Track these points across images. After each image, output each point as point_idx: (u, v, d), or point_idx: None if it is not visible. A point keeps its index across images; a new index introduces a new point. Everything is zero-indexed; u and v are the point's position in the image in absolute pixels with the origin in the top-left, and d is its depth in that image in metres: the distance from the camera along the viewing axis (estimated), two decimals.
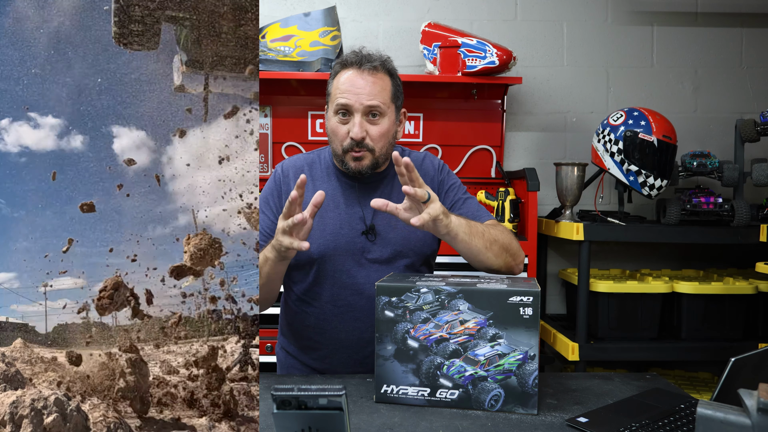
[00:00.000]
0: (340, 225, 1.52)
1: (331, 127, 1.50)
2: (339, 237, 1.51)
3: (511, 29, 2.87)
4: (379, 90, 1.46)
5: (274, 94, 2.77)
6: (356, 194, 1.54)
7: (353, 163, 1.47)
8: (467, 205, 1.57)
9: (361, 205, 1.53)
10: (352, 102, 1.44)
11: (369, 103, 1.44)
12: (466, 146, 2.81)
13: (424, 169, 1.59)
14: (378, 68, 1.47)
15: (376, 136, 1.46)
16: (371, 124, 1.46)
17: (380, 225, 1.52)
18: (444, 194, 1.58)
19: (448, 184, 1.61)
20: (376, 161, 1.48)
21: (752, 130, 2.39)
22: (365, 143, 1.45)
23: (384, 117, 1.47)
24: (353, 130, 1.44)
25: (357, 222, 1.52)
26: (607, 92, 2.91)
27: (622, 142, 2.36)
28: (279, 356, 1.67)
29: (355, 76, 1.45)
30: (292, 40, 2.58)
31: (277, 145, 2.79)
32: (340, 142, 1.47)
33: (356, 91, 1.44)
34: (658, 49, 2.91)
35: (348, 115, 1.46)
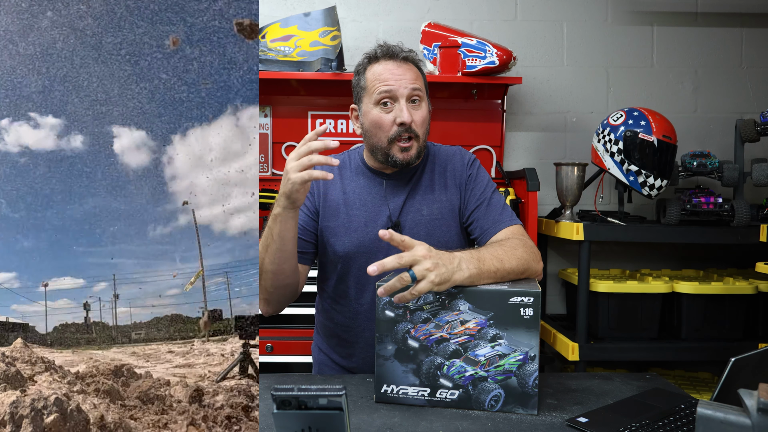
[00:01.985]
0: (365, 222, 1.52)
1: (373, 119, 1.47)
2: (364, 235, 1.51)
3: (511, 29, 2.87)
4: (416, 76, 1.48)
5: (274, 94, 2.77)
6: (383, 191, 1.54)
7: (401, 154, 1.46)
8: (491, 208, 1.54)
9: (387, 201, 1.53)
10: (396, 87, 1.44)
11: (413, 86, 1.45)
12: (466, 146, 2.80)
13: (453, 162, 1.59)
14: (409, 59, 1.50)
15: (419, 122, 1.47)
16: (414, 109, 1.46)
17: (406, 221, 1.52)
18: (471, 191, 1.57)
19: (477, 181, 1.59)
20: (420, 149, 1.49)
21: (752, 130, 2.39)
22: (412, 129, 1.45)
23: (423, 102, 1.49)
24: (401, 114, 1.43)
25: (383, 219, 1.52)
26: (607, 92, 2.91)
27: (622, 142, 2.36)
28: (313, 354, 1.69)
29: (391, 65, 1.46)
30: (292, 40, 2.58)
31: (277, 145, 2.79)
32: (386, 133, 1.46)
33: (397, 78, 1.45)
34: (658, 49, 2.91)
35: (390, 104, 1.45)
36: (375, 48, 1.50)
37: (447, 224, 1.54)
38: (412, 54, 1.52)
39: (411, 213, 1.52)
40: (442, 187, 1.57)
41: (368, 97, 1.48)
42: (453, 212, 1.56)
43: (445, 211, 1.55)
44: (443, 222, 1.54)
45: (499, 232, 1.48)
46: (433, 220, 1.53)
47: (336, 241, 1.52)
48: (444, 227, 1.53)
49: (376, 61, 1.49)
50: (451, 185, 1.57)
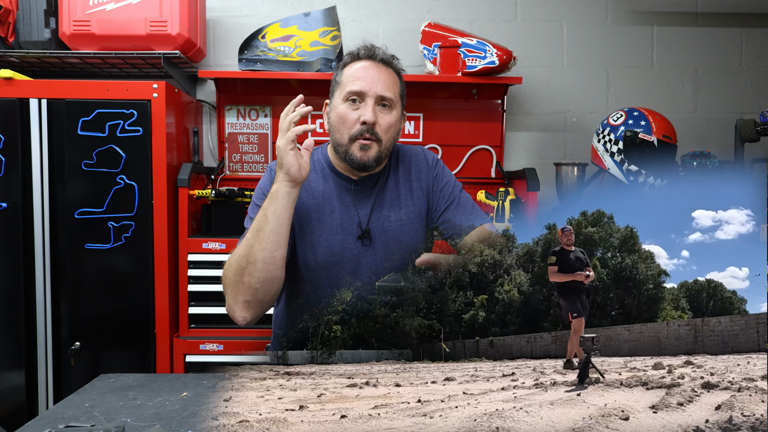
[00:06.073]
0: (335, 230, 1.49)
1: (338, 114, 1.46)
2: (334, 244, 1.49)
3: (511, 29, 2.87)
4: (392, 83, 1.48)
5: (274, 94, 2.77)
6: (351, 196, 1.52)
7: (359, 152, 1.44)
8: (461, 207, 1.56)
9: (356, 207, 1.52)
10: (366, 88, 1.43)
11: (383, 93, 1.44)
12: (466, 146, 2.81)
13: (417, 165, 1.58)
14: (389, 64, 1.49)
15: (385, 126, 1.45)
16: (382, 113, 1.45)
17: (375, 228, 1.51)
18: (439, 192, 1.57)
19: (443, 181, 1.59)
20: (380, 154, 1.46)
21: (752, 130, 2.39)
22: (375, 131, 1.43)
23: (393, 110, 1.48)
24: (365, 114, 1.42)
25: (353, 226, 1.50)
26: (607, 92, 2.91)
27: (622, 142, 2.37)
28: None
29: (369, 66, 1.46)
30: (292, 40, 2.58)
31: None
32: (348, 129, 1.44)
33: (371, 80, 1.44)
34: (658, 49, 2.91)
35: (359, 102, 1.44)
36: (360, 47, 1.50)
37: (415, 229, 1.54)
38: (395, 61, 1.51)
39: (379, 220, 1.50)
40: (408, 191, 1.56)
41: (340, 92, 1.48)
42: (420, 216, 1.55)
43: (413, 215, 1.54)
44: (411, 227, 1.53)
45: (472, 231, 1.50)
46: (401, 226, 1.52)
47: (308, 248, 1.49)
48: (412, 232, 1.52)
49: (357, 59, 1.49)
50: (416, 188, 1.56)
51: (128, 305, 2.28)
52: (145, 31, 2.42)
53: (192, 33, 2.51)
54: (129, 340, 2.30)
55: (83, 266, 2.25)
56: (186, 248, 2.33)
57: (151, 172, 2.26)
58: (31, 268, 2.25)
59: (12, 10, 2.43)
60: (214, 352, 2.30)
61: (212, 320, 2.36)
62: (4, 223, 2.23)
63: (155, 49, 2.46)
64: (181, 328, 2.35)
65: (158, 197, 2.26)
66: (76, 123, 2.23)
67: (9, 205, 2.23)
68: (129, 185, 2.25)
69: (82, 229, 2.25)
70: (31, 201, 2.25)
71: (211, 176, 2.74)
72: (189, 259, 2.32)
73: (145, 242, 2.26)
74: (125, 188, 2.25)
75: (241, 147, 2.78)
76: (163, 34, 2.43)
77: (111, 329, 2.28)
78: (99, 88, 2.25)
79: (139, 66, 2.63)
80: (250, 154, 2.79)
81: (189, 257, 2.32)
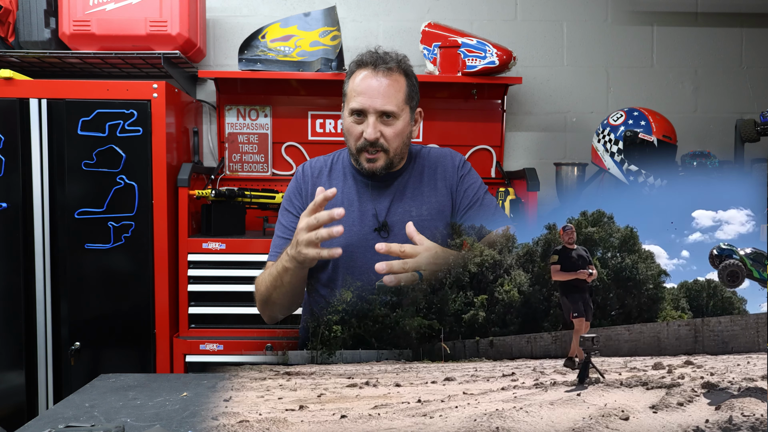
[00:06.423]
0: (352, 222, 1.53)
1: (346, 127, 1.52)
2: (351, 234, 1.51)
3: (511, 29, 2.87)
4: (394, 92, 1.48)
5: (274, 94, 2.77)
6: (369, 192, 1.57)
7: (367, 164, 1.50)
8: (484, 208, 1.58)
9: (374, 202, 1.56)
10: (366, 105, 1.46)
11: (383, 108, 1.46)
12: (466, 146, 2.81)
13: (443, 165, 1.61)
14: (393, 69, 1.49)
15: (390, 137, 1.48)
16: (385, 125, 1.48)
17: (393, 221, 1.54)
18: (463, 192, 1.60)
19: (469, 182, 1.62)
20: (390, 161, 1.51)
21: (752, 130, 2.39)
22: (380, 143, 1.48)
23: (398, 119, 1.49)
24: (367, 131, 1.46)
25: (370, 219, 1.54)
26: (607, 92, 2.91)
27: (622, 142, 2.36)
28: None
29: (370, 77, 1.47)
30: (292, 40, 2.58)
31: (277, 145, 2.79)
32: (354, 142, 1.50)
33: (371, 95, 1.46)
34: (658, 49, 2.90)
35: (362, 116, 1.48)
36: (366, 53, 1.51)
37: (434, 225, 1.56)
38: (402, 63, 1.51)
39: (398, 214, 1.54)
40: (432, 188, 1.59)
41: (346, 104, 1.52)
42: (441, 213, 1.58)
43: (434, 212, 1.57)
44: (431, 223, 1.55)
45: (491, 233, 1.49)
46: (422, 221, 1.54)
47: (326, 243, 1.52)
48: (432, 228, 1.54)
49: (363, 67, 1.50)
50: (441, 186, 1.59)
51: (128, 305, 2.28)
52: (145, 31, 2.42)
53: (192, 33, 2.51)
54: (129, 340, 2.29)
55: (83, 266, 2.25)
56: (186, 248, 2.33)
57: (151, 172, 2.26)
58: (31, 268, 2.25)
59: (12, 10, 2.43)
60: (214, 352, 2.30)
61: (212, 320, 2.36)
62: (4, 223, 2.23)
63: (155, 49, 2.46)
64: (181, 328, 2.35)
65: (158, 197, 2.26)
66: (76, 123, 2.23)
67: (9, 205, 2.23)
68: (129, 185, 2.25)
69: (82, 229, 2.25)
70: (31, 201, 2.25)
71: (211, 176, 2.74)
72: (189, 259, 2.32)
73: (145, 242, 2.26)
74: (125, 188, 2.25)
75: (241, 147, 2.78)
76: (163, 34, 2.43)
77: (111, 329, 2.28)
78: (99, 88, 2.25)
79: (139, 66, 2.63)
80: (250, 154, 2.79)
81: (189, 257, 2.32)
